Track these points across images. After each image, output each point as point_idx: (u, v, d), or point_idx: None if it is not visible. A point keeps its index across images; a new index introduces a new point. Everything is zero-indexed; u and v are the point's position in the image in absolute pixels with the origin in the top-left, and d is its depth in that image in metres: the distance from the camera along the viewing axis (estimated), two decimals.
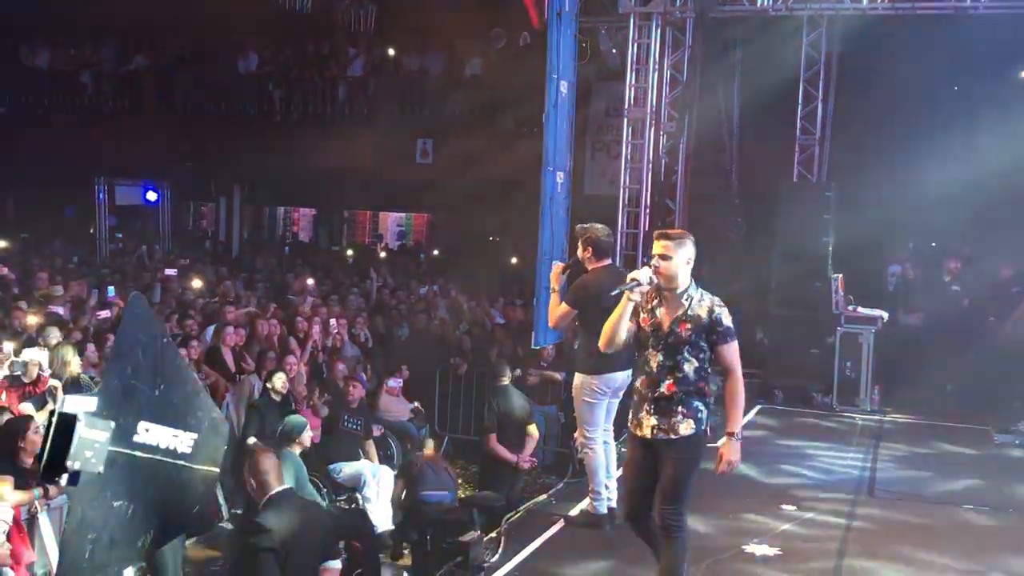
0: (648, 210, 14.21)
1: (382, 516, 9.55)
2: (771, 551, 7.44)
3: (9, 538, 6.50)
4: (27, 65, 21.73)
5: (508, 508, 8.74)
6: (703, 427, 5.75)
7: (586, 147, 16.97)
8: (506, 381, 10.25)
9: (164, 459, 2.41)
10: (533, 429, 10.26)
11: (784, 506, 8.60)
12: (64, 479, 2.22)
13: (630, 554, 7.32)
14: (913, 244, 14.91)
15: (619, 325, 5.72)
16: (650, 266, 5.72)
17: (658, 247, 5.74)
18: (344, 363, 11.74)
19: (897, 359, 13.37)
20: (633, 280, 5.63)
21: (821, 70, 14.76)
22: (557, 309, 7.48)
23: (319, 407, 10.68)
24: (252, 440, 9.31)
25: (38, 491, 6.89)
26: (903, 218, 14.41)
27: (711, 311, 5.67)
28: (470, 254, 22.35)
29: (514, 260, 19.05)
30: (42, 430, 7.21)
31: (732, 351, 5.73)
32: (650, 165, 14.24)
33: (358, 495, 9.63)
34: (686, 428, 5.67)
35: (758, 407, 13.18)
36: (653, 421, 5.73)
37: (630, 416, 5.93)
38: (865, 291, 14.08)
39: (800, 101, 14.90)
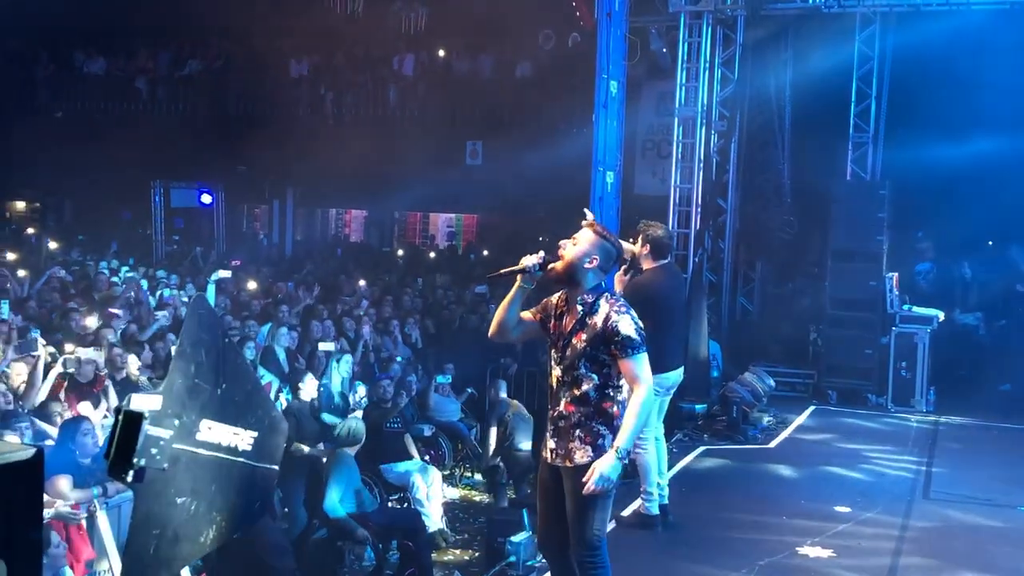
0: (699, 209, 14.16)
1: (433, 516, 9.62)
2: (825, 553, 7.38)
3: (67, 536, 6.64)
4: (83, 71, 22.07)
5: None
6: (605, 452, 4.96)
7: (636, 146, 16.92)
8: None
9: (226, 456, 2.45)
10: None
11: (838, 507, 8.53)
12: (130, 476, 2.26)
13: (681, 554, 7.33)
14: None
15: (505, 310, 5.16)
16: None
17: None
18: (396, 364, 11.78)
19: (953, 359, 13.25)
20: (522, 265, 5.09)
21: (875, 67, 14.60)
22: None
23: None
24: (296, 445, 9.36)
25: (96, 489, 7.01)
26: (957, 216, 14.24)
27: (607, 318, 4.93)
28: (520, 255, 22.38)
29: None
30: (97, 430, 7.38)
31: (634, 365, 4.90)
32: (701, 164, 14.18)
33: (409, 495, 9.71)
34: (582, 456, 4.96)
35: (812, 408, 13.12)
36: (552, 444, 5.11)
37: None
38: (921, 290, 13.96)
39: (853, 99, 14.75)
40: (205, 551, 3.35)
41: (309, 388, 9.91)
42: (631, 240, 7.71)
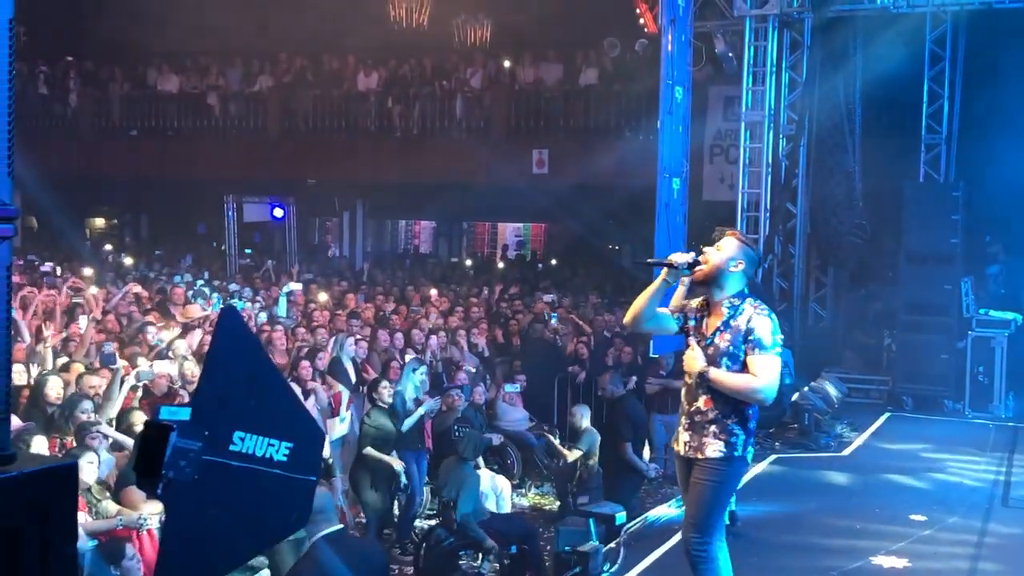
0: (768, 214, 13.99)
1: None
2: (900, 562, 7.24)
3: (141, 548, 6.73)
4: (156, 89, 22.51)
5: (628, 518, 8.70)
6: (736, 452, 5.15)
7: (704, 152, 16.79)
8: (623, 390, 10.16)
9: (260, 468, 2.44)
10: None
11: (914, 516, 8.38)
12: (159, 488, 2.28)
13: (752, 564, 7.22)
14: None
15: (645, 302, 5.32)
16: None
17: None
18: (464, 373, 11.78)
19: None
20: (671, 260, 5.25)
21: (946, 67, 14.34)
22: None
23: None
24: (369, 450, 9.41)
25: None
26: None
27: (749, 319, 5.12)
28: (588, 262, 22.37)
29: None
30: None
31: (760, 364, 5.05)
32: (769, 168, 14.01)
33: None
34: (713, 450, 5.14)
35: (887, 414, 12.93)
36: (686, 437, 5.28)
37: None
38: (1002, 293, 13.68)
39: (925, 99, 14.49)
40: (239, 564, 3.36)
41: (385, 394, 9.92)
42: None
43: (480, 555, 8.56)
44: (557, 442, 10.95)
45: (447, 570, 8.45)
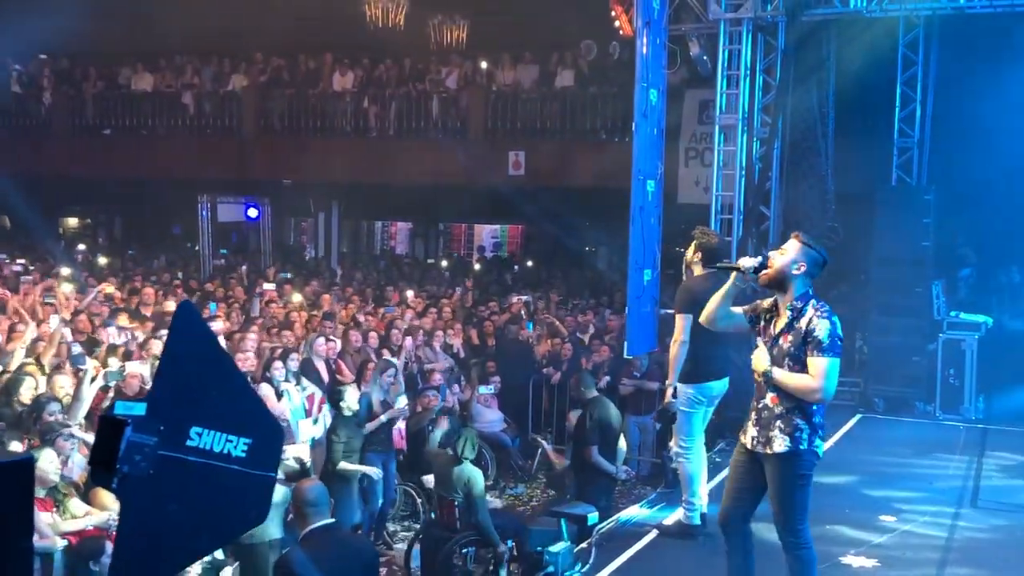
0: (741, 217, 14.03)
1: None
2: (869, 563, 7.30)
3: None
4: (131, 88, 22.38)
5: (600, 519, 8.71)
6: (802, 446, 5.49)
7: (679, 155, 16.82)
8: (594, 392, 10.17)
9: (218, 463, 2.44)
10: (622, 440, 10.21)
11: (883, 517, 8.44)
12: (114, 483, 2.28)
13: (723, 564, 7.24)
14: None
15: (718, 303, 5.75)
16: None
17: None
18: (440, 374, 11.77)
19: (1003, 366, 13.04)
20: (739, 264, 5.66)
21: (919, 71, 14.44)
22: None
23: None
24: (343, 464, 9.35)
25: None
26: (1006, 220, 14.03)
27: (810, 321, 5.42)
28: (564, 264, 22.41)
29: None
30: None
31: (819, 366, 5.36)
32: (743, 171, 14.04)
33: None
34: (779, 445, 5.50)
35: (858, 416, 12.97)
36: (754, 432, 5.66)
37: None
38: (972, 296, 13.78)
39: (898, 103, 14.59)
40: (196, 560, 3.37)
41: (351, 400, 9.87)
42: (681, 248, 7.80)
43: (483, 555, 8.52)
44: (550, 449, 10.95)
45: (446, 570, 8.39)
